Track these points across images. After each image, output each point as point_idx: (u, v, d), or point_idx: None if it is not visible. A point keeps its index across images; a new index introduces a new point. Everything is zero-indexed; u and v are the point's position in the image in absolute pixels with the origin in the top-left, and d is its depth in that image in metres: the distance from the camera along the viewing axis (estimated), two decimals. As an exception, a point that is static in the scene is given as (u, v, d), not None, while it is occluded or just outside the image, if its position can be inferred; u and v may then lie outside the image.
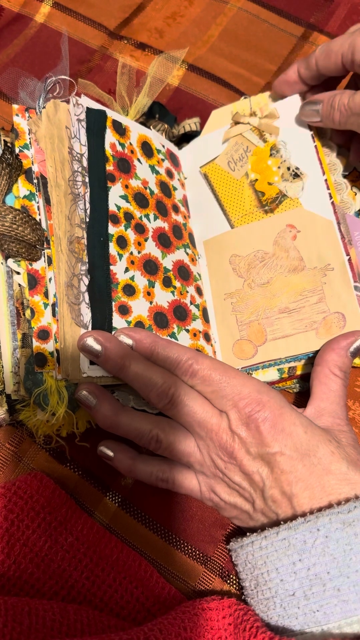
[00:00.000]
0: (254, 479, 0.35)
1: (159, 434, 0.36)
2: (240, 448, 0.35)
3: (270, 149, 0.45)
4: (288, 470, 0.34)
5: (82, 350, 0.36)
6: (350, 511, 0.32)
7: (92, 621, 0.33)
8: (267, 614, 0.34)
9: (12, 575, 0.35)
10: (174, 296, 0.41)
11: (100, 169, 0.40)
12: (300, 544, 0.32)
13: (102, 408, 0.36)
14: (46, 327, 0.37)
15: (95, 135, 0.41)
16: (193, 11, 0.60)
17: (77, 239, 0.37)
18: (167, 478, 0.37)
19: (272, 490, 0.34)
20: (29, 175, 0.40)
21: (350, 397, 0.44)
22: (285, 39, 0.59)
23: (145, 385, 0.36)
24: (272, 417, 0.34)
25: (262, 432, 0.34)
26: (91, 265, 0.37)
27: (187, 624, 0.32)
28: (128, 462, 0.38)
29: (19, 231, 0.36)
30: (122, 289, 0.38)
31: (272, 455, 0.34)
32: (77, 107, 0.40)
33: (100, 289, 0.37)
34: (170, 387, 0.35)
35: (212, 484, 0.37)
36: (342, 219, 0.42)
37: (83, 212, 0.38)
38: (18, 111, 0.41)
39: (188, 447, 0.36)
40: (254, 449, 0.34)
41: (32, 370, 0.37)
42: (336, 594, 0.32)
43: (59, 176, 0.38)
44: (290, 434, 0.34)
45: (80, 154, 0.39)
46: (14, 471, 0.41)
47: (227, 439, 0.35)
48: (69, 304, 0.36)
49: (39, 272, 0.38)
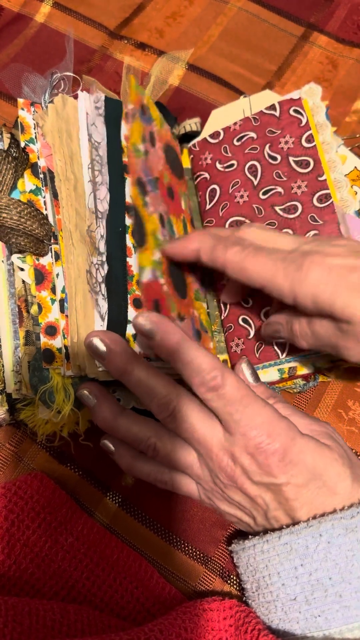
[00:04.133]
0: (257, 502, 0.34)
1: (157, 443, 0.35)
2: (242, 474, 0.34)
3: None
4: (293, 497, 0.33)
5: (88, 348, 0.35)
6: (354, 517, 0.32)
7: (92, 621, 0.33)
8: (268, 617, 0.34)
9: (12, 575, 0.35)
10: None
11: (118, 159, 0.40)
12: (303, 548, 0.32)
13: (101, 410, 0.36)
14: (54, 323, 0.37)
15: (113, 126, 0.40)
16: (193, 11, 0.60)
17: (95, 229, 0.37)
18: (166, 480, 0.37)
19: (276, 512, 0.34)
20: (34, 169, 0.39)
21: (350, 397, 0.44)
22: (286, 38, 0.59)
23: (147, 393, 0.35)
24: (281, 450, 0.33)
25: (269, 464, 0.33)
26: (109, 256, 0.37)
27: (188, 625, 0.32)
28: (128, 459, 0.37)
29: (27, 225, 0.36)
30: (137, 281, 0.38)
31: (277, 486, 0.33)
32: (96, 97, 0.40)
33: (117, 281, 0.37)
34: (173, 399, 0.34)
35: (211, 496, 0.36)
36: (341, 218, 0.42)
37: (99, 201, 0.37)
38: (23, 105, 0.41)
39: (187, 460, 0.35)
40: (258, 478, 0.33)
41: (38, 367, 0.37)
42: (338, 599, 0.31)
43: (68, 170, 0.38)
44: (297, 464, 0.33)
45: (98, 142, 0.39)
46: (14, 471, 0.41)
47: (228, 462, 0.34)
48: (90, 292, 0.36)
49: (46, 268, 0.38)
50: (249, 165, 0.46)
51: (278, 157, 0.45)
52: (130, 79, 0.41)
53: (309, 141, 0.44)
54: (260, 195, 0.45)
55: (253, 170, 0.45)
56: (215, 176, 0.47)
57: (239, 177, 0.46)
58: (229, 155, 0.47)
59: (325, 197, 0.43)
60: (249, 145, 0.46)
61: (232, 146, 0.47)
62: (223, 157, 0.47)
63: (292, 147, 0.45)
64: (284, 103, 0.46)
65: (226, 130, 0.47)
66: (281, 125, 0.45)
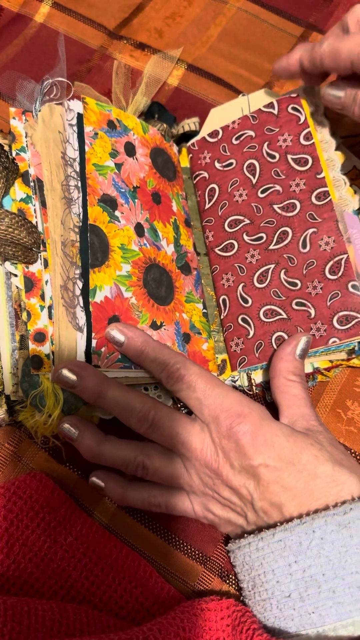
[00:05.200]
0: (242, 492, 0.35)
1: (145, 461, 0.36)
2: (225, 463, 0.35)
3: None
4: (273, 480, 0.34)
5: (58, 382, 0.35)
6: (346, 513, 0.32)
7: (91, 621, 0.33)
8: (264, 615, 0.34)
9: (11, 575, 0.35)
10: None
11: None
12: (296, 545, 0.32)
13: (84, 440, 0.36)
14: (42, 329, 0.37)
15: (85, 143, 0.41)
16: (192, 11, 0.60)
17: (71, 243, 0.38)
18: (159, 503, 0.37)
19: (261, 502, 0.34)
20: (25, 178, 0.40)
21: (350, 397, 0.44)
22: (285, 39, 0.59)
23: (125, 410, 0.36)
24: (252, 430, 0.34)
25: (243, 445, 0.34)
26: (84, 269, 0.37)
27: (186, 624, 0.32)
28: (119, 491, 0.38)
29: (14, 234, 0.37)
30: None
31: (255, 468, 0.34)
32: (68, 113, 0.41)
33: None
34: (150, 410, 0.36)
35: (204, 501, 0.37)
36: (340, 216, 0.42)
37: (76, 216, 0.38)
38: (15, 114, 0.41)
39: (175, 470, 0.36)
40: (237, 462, 0.34)
41: (28, 372, 0.37)
42: (331, 595, 0.32)
43: (54, 179, 0.39)
44: (272, 445, 0.34)
45: (72, 159, 0.39)
46: (13, 471, 0.41)
47: (210, 454, 0.35)
48: (65, 306, 0.36)
49: (36, 275, 0.38)
50: (247, 163, 0.46)
51: (276, 155, 0.45)
52: (87, 100, 0.42)
53: (307, 139, 0.44)
54: (259, 193, 0.44)
55: (252, 169, 0.45)
56: (214, 175, 0.47)
57: (237, 176, 0.46)
58: (227, 154, 0.47)
59: (323, 195, 0.42)
60: (248, 143, 0.46)
61: (230, 145, 0.47)
62: (222, 156, 0.47)
63: (291, 145, 0.45)
64: (282, 101, 0.46)
65: (225, 129, 0.47)
66: (279, 123, 0.45)
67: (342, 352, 0.42)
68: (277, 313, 0.42)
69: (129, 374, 0.38)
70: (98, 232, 0.39)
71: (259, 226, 0.44)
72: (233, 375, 0.43)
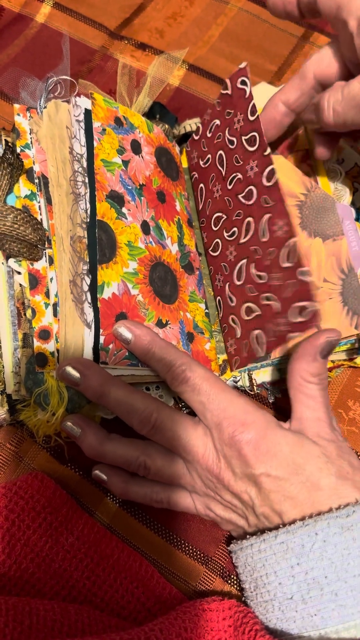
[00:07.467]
0: (243, 497, 0.35)
1: (146, 461, 0.36)
2: (227, 469, 0.34)
3: None
4: (275, 489, 0.33)
5: (61, 379, 0.35)
6: (349, 515, 0.32)
7: (92, 621, 0.33)
8: (266, 617, 0.34)
9: (13, 575, 0.35)
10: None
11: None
12: (299, 547, 0.32)
13: (87, 438, 0.37)
14: (47, 327, 0.37)
15: (93, 137, 0.41)
16: (193, 11, 0.60)
17: (79, 239, 0.37)
18: (161, 499, 0.37)
19: (262, 509, 0.34)
20: (30, 175, 0.40)
21: (350, 397, 0.44)
22: (286, 39, 0.59)
23: (127, 411, 0.35)
24: (255, 439, 0.34)
25: (245, 454, 0.34)
26: (92, 265, 0.37)
27: (188, 625, 0.32)
28: (121, 485, 0.38)
29: (20, 231, 0.36)
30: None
31: (257, 477, 0.34)
32: (75, 109, 0.40)
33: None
34: (152, 412, 0.35)
35: (206, 501, 0.37)
36: (332, 207, 0.41)
37: (84, 212, 0.38)
38: (19, 111, 0.41)
39: (177, 471, 0.36)
40: (239, 470, 0.34)
41: (32, 370, 0.37)
42: (334, 598, 0.31)
43: (60, 176, 0.38)
44: (275, 455, 0.34)
45: (80, 155, 0.39)
46: (14, 471, 0.41)
47: (212, 460, 0.35)
48: (74, 302, 0.36)
49: (40, 272, 0.38)
50: (217, 156, 0.43)
51: (234, 140, 0.41)
52: (95, 96, 0.42)
53: (252, 113, 0.39)
54: (228, 185, 0.42)
55: (221, 161, 0.42)
56: (201, 174, 0.45)
57: (213, 171, 0.43)
58: (205, 149, 0.45)
59: (270, 173, 0.38)
60: (217, 133, 0.43)
61: (207, 139, 0.45)
62: (203, 153, 0.45)
63: (243, 125, 0.40)
64: (233, 77, 0.41)
65: (203, 122, 0.45)
66: (234, 103, 0.41)
67: (342, 352, 0.42)
68: (253, 310, 0.39)
69: (135, 371, 0.38)
70: (106, 228, 0.38)
71: (232, 220, 0.42)
72: (234, 375, 0.43)
